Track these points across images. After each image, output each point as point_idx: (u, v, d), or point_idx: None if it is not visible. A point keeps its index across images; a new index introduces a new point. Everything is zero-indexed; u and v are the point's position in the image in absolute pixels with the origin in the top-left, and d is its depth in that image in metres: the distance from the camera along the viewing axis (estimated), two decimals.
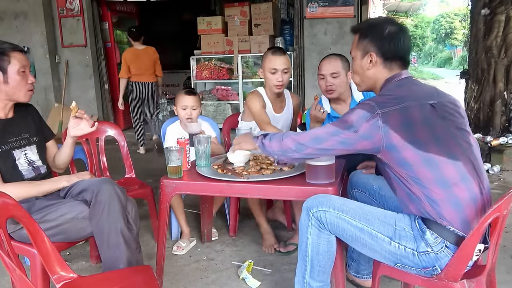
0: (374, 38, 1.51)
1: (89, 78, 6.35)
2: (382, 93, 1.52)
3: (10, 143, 1.79)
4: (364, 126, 1.39)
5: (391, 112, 1.37)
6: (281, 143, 1.53)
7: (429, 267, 1.37)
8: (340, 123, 1.45)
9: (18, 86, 1.76)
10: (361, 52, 1.55)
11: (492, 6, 4.29)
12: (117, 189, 1.70)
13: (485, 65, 4.40)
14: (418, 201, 1.39)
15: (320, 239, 1.50)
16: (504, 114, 4.39)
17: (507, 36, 4.26)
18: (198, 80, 6.28)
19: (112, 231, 1.63)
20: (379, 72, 1.53)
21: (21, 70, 1.75)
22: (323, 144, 1.45)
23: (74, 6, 6.09)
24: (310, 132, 1.51)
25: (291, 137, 1.52)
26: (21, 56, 1.77)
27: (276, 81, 2.32)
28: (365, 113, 1.39)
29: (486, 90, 4.42)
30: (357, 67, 1.59)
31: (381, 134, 1.37)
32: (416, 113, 1.38)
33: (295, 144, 1.49)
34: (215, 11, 7.86)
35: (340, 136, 1.42)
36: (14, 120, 1.84)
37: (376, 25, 1.55)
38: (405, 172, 1.39)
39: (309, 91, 5.64)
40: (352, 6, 5.31)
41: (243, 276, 2.13)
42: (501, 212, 1.27)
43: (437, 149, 1.36)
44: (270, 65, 2.31)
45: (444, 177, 1.35)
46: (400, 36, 1.50)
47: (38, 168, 1.87)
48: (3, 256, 1.15)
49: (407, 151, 1.36)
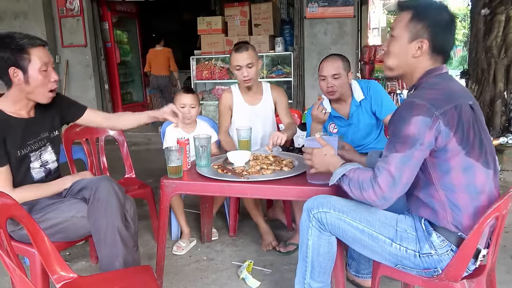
0: (431, 24, 1.32)
1: (89, 78, 6.34)
2: (425, 86, 1.36)
3: (29, 146, 1.74)
4: (428, 136, 1.25)
5: (448, 111, 1.25)
6: (363, 195, 1.35)
7: (430, 268, 1.36)
8: (401, 144, 1.27)
9: (40, 86, 1.66)
10: (411, 34, 1.35)
11: (492, 6, 4.29)
12: (115, 186, 1.70)
13: (485, 65, 4.40)
14: (435, 207, 1.33)
15: (321, 240, 1.50)
16: (504, 114, 4.39)
17: (507, 36, 4.26)
18: (198, 80, 6.28)
19: (109, 228, 1.63)
20: (424, 61, 1.37)
21: (42, 68, 1.65)
22: (402, 180, 1.29)
23: (74, 6, 6.09)
24: (383, 178, 1.30)
25: (371, 190, 1.32)
26: (42, 52, 1.65)
27: (241, 76, 2.39)
28: (424, 119, 1.24)
29: (486, 90, 4.42)
30: (399, 50, 1.38)
31: (441, 137, 1.26)
32: (466, 113, 1.28)
33: (379, 199, 1.32)
34: (215, 11, 7.86)
35: (411, 162, 1.27)
36: (36, 119, 1.78)
37: (436, 9, 1.35)
38: (439, 175, 1.31)
39: (309, 91, 5.63)
40: (352, 6, 5.30)
41: (243, 276, 2.13)
42: (500, 212, 1.28)
43: (477, 155, 1.30)
44: (234, 62, 2.39)
45: (475, 183, 1.30)
46: (454, 27, 1.35)
47: (49, 169, 1.85)
48: (3, 256, 1.15)
49: (455, 154, 1.27)
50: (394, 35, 1.40)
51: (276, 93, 2.56)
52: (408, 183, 1.31)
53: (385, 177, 1.29)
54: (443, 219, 1.33)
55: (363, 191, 1.34)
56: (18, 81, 1.63)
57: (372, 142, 2.32)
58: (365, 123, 2.30)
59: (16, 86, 1.66)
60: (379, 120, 2.30)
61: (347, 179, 1.40)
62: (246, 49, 2.38)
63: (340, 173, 1.43)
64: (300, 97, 5.68)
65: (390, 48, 1.42)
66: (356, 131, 2.31)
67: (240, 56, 2.36)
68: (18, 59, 1.60)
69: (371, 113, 2.28)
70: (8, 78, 1.63)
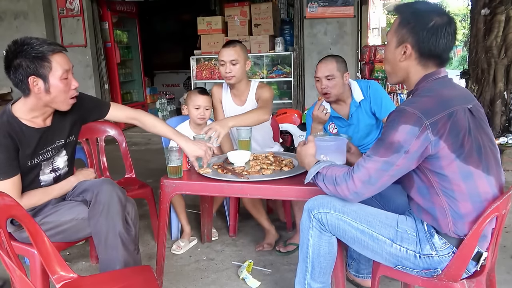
0: (415, 29, 1.31)
1: (89, 78, 6.34)
2: (421, 92, 1.34)
3: (41, 155, 1.68)
4: (414, 144, 1.24)
5: (440, 120, 1.23)
6: (337, 190, 1.40)
7: (430, 269, 1.36)
8: (385, 149, 1.28)
9: (61, 94, 1.58)
10: (397, 39, 1.36)
11: (492, 6, 4.29)
12: (118, 190, 1.70)
13: (485, 65, 4.39)
14: (436, 214, 1.33)
15: (321, 240, 1.50)
16: (504, 114, 4.39)
17: (507, 36, 4.26)
18: (198, 80, 6.27)
19: (110, 232, 1.62)
20: (412, 67, 1.36)
21: (63, 76, 1.56)
22: (378, 183, 1.32)
23: (74, 6, 6.08)
24: (359, 174, 1.33)
25: (344, 184, 1.37)
26: (63, 59, 1.57)
27: (224, 72, 2.37)
28: (412, 128, 1.23)
29: (486, 90, 4.42)
30: (389, 54, 1.41)
31: (430, 147, 1.24)
32: (462, 119, 1.26)
33: (351, 194, 1.37)
34: (215, 11, 7.85)
35: (392, 169, 1.29)
36: (52, 128, 1.70)
37: (423, 13, 1.32)
38: (439, 182, 1.30)
39: (309, 91, 5.63)
40: (352, 6, 5.30)
41: (243, 276, 2.13)
42: (499, 211, 1.28)
43: (476, 161, 1.27)
44: (219, 57, 2.38)
45: (479, 192, 1.28)
46: (446, 31, 1.30)
47: (59, 174, 1.79)
48: (3, 256, 1.15)
49: (449, 161, 1.26)
50: (387, 39, 1.43)
51: (260, 90, 2.45)
52: (382, 187, 1.35)
53: (362, 174, 1.33)
54: (445, 226, 1.32)
55: (337, 186, 1.39)
56: (38, 90, 1.54)
57: (372, 142, 2.31)
58: (365, 124, 2.29)
59: (35, 95, 1.57)
60: (379, 120, 2.30)
61: (321, 176, 1.46)
62: (234, 46, 2.37)
63: (314, 171, 1.48)
64: (300, 97, 5.68)
65: (384, 53, 1.47)
66: (356, 131, 2.31)
67: (226, 51, 2.35)
68: (38, 67, 1.51)
69: (370, 113, 2.28)
70: (27, 87, 1.54)
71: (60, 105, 1.63)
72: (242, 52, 2.37)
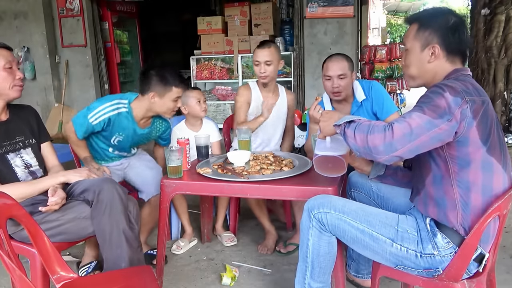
0: (438, 29, 1.36)
1: (89, 78, 6.33)
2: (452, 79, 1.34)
3: (4, 147, 1.77)
4: (457, 113, 1.21)
5: (476, 101, 1.24)
6: (367, 138, 1.27)
7: (431, 269, 1.36)
8: (431, 110, 1.23)
9: (5, 82, 1.74)
10: (421, 43, 1.39)
11: (492, 6, 4.30)
12: (119, 188, 1.71)
13: (485, 65, 4.40)
14: (446, 205, 1.32)
15: (321, 240, 1.50)
16: (504, 114, 4.40)
17: (507, 36, 4.27)
18: (198, 80, 6.27)
19: (114, 230, 1.64)
20: (441, 65, 1.39)
21: (7, 66, 1.73)
22: (416, 141, 1.23)
23: (74, 6, 6.08)
24: (400, 126, 1.24)
25: (380, 133, 1.25)
26: (6, 52, 1.76)
27: (259, 72, 2.45)
28: (455, 98, 1.22)
29: (486, 90, 4.41)
30: (415, 60, 1.42)
31: (464, 124, 1.22)
32: (491, 110, 1.29)
33: (384, 144, 1.24)
34: (215, 11, 7.85)
35: (435, 130, 1.22)
36: (9, 123, 1.82)
37: (439, 15, 1.40)
38: (457, 169, 1.29)
39: (309, 91, 5.63)
40: (352, 6, 5.29)
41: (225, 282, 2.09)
42: (500, 211, 1.28)
43: (498, 155, 1.29)
44: (254, 57, 2.47)
45: (492, 186, 1.29)
46: (463, 28, 1.38)
47: (35, 172, 1.85)
48: (3, 256, 1.15)
49: (475, 148, 1.26)
50: (407, 48, 1.45)
51: (291, 99, 2.66)
52: (415, 150, 1.25)
53: (404, 126, 1.24)
54: (453, 218, 1.32)
55: (369, 135, 1.27)
56: None
57: None
58: None
59: None
60: (380, 121, 2.30)
61: (355, 124, 1.33)
62: (268, 47, 2.44)
63: (350, 118, 1.37)
64: (300, 97, 5.67)
65: (406, 61, 1.46)
66: None
67: (260, 52, 2.43)
68: None
69: (372, 113, 2.28)
70: None
71: (8, 92, 1.76)
72: (276, 53, 2.45)
